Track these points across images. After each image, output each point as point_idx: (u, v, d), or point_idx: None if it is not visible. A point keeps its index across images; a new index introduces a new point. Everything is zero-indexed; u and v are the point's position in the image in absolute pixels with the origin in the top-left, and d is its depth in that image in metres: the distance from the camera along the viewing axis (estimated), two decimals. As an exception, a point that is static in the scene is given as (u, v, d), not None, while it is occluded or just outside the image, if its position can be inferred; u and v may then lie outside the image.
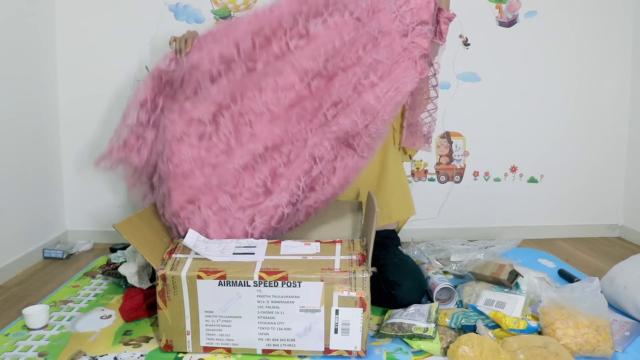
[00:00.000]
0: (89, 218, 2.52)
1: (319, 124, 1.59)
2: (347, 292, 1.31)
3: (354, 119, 1.58)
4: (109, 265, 1.94)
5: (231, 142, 1.58)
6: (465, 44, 2.47)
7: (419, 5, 1.61)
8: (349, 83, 1.58)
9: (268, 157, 1.58)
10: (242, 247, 1.47)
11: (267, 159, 1.58)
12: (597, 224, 2.62)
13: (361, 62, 1.59)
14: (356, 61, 1.60)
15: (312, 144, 1.58)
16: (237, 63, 1.62)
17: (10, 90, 2.07)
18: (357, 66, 1.59)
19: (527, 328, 1.38)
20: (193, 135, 1.58)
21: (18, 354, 1.40)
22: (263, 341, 1.35)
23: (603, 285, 1.61)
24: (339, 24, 1.60)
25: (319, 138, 1.59)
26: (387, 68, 1.59)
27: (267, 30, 1.62)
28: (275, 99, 1.58)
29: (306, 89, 1.59)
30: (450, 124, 2.52)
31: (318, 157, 1.58)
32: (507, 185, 2.58)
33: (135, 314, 1.58)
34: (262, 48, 1.62)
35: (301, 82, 1.58)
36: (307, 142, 1.58)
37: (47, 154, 2.36)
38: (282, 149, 1.58)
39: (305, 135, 1.59)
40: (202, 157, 1.57)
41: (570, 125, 2.55)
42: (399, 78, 1.59)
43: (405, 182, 1.94)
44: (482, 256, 1.87)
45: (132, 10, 2.39)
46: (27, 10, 2.18)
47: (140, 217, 1.57)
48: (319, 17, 1.61)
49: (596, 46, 2.51)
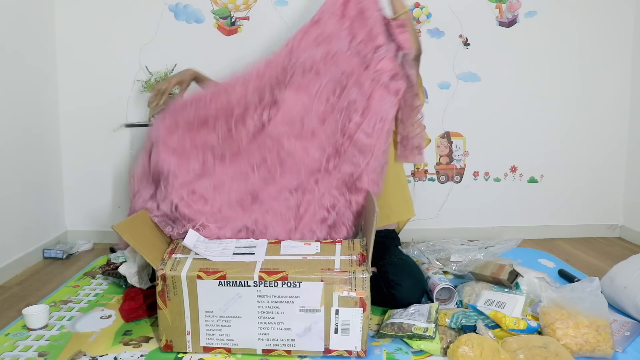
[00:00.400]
0: (89, 218, 2.52)
1: (322, 176, 1.61)
2: (347, 292, 1.31)
3: (355, 161, 1.60)
4: (109, 265, 1.94)
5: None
6: (465, 44, 2.47)
7: (367, 33, 1.61)
8: (334, 131, 1.61)
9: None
10: (242, 247, 1.47)
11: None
12: (597, 224, 2.62)
13: (336, 108, 1.62)
14: (330, 109, 1.62)
15: (320, 195, 1.60)
16: (217, 149, 1.66)
17: (10, 90, 2.07)
18: (335, 113, 1.62)
19: (527, 328, 1.38)
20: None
21: (18, 354, 1.40)
22: (263, 341, 1.35)
23: (603, 285, 1.61)
24: (301, 83, 1.62)
25: (325, 187, 1.61)
26: (364, 104, 1.61)
27: (237, 110, 1.67)
28: (265, 175, 1.61)
29: (296, 153, 1.61)
30: (450, 124, 2.52)
31: (330, 205, 1.60)
32: (507, 185, 2.58)
33: (135, 314, 1.58)
34: (238, 128, 1.65)
35: (287, 145, 1.61)
36: (315, 193, 1.60)
37: (47, 154, 2.36)
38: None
39: (311, 187, 1.61)
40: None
41: (571, 125, 2.55)
42: (379, 109, 1.60)
43: (405, 184, 1.94)
44: (482, 256, 1.87)
45: (132, 10, 2.39)
46: (27, 10, 2.18)
47: (140, 217, 1.57)
48: (281, 84, 1.64)
49: (596, 46, 2.51)
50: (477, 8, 2.45)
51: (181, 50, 2.42)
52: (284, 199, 1.60)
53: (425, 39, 2.46)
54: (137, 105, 2.44)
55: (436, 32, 2.45)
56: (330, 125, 1.61)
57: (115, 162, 2.49)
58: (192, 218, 1.55)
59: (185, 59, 2.42)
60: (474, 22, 2.45)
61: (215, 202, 1.60)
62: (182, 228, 1.54)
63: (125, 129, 2.46)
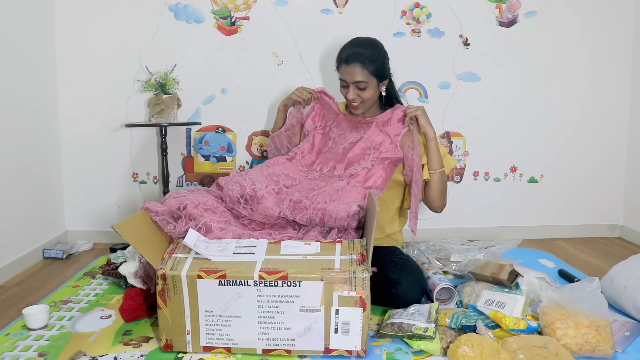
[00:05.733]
0: (89, 218, 2.52)
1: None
2: (347, 292, 1.31)
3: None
4: (109, 265, 1.94)
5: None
6: (465, 44, 2.47)
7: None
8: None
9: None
10: (242, 247, 1.47)
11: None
12: (597, 224, 2.62)
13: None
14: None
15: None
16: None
17: (10, 90, 2.07)
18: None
19: (527, 328, 1.38)
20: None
21: (18, 354, 1.40)
22: (263, 341, 1.35)
23: (603, 285, 1.61)
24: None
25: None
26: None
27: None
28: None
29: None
30: (450, 124, 2.52)
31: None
32: (507, 185, 2.58)
33: (135, 314, 1.58)
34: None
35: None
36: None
37: (47, 154, 2.36)
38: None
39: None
40: None
41: (571, 125, 2.55)
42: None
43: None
44: (482, 256, 1.87)
45: (132, 10, 2.39)
46: (27, 10, 2.18)
47: (140, 217, 1.57)
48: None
49: (596, 46, 2.51)
50: (477, 8, 2.45)
51: (181, 50, 2.42)
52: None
53: (425, 39, 2.46)
54: (137, 105, 2.44)
55: (436, 32, 2.46)
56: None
57: (115, 162, 2.49)
58: (195, 217, 1.56)
59: (185, 59, 2.43)
60: (474, 22, 2.45)
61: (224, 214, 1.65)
62: (183, 226, 1.54)
63: (125, 128, 2.46)
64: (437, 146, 1.81)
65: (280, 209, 1.63)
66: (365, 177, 1.77)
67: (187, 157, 2.52)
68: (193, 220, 1.55)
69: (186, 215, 1.56)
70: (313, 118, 1.98)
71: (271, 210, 1.63)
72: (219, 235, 1.54)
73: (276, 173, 1.78)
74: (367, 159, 1.80)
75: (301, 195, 1.66)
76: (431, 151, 1.80)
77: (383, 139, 1.83)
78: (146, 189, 2.52)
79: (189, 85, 2.45)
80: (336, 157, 1.85)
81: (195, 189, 1.78)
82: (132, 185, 2.51)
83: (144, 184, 2.51)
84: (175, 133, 2.47)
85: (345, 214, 1.57)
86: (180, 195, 1.66)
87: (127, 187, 2.51)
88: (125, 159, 2.50)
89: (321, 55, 2.44)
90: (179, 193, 1.68)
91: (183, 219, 1.56)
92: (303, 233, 1.63)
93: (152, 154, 2.50)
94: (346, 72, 1.81)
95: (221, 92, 2.47)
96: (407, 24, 2.45)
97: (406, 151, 1.80)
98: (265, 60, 2.45)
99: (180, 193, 1.68)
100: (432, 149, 1.80)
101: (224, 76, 2.46)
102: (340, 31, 2.26)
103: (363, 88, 1.81)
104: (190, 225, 1.53)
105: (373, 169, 1.78)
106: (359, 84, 1.80)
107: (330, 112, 1.98)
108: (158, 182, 2.51)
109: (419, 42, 2.46)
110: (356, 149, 1.83)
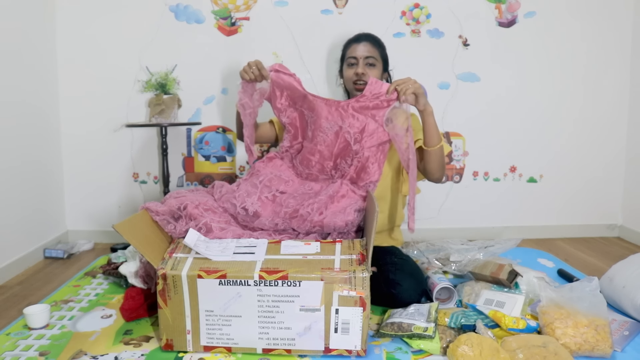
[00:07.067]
0: (90, 218, 2.52)
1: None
2: (347, 292, 1.31)
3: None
4: (110, 265, 1.95)
5: None
6: (465, 44, 2.47)
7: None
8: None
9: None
10: (242, 247, 1.47)
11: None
12: (596, 224, 2.63)
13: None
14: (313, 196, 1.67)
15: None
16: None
17: (11, 90, 2.07)
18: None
19: (527, 327, 1.38)
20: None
21: (19, 353, 1.40)
22: (263, 340, 1.36)
23: (602, 284, 1.61)
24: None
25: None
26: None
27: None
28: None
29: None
30: (450, 124, 2.52)
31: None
32: (506, 185, 2.59)
33: (136, 314, 1.58)
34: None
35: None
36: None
37: (47, 154, 2.37)
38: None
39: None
40: None
41: (570, 125, 2.56)
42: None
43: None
44: (482, 256, 1.87)
45: (133, 10, 2.40)
46: (29, 11, 2.19)
47: (140, 217, 1.57)
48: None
49: (595, 46, 2.51)
50: (477, 9, 2.46)
51: (181, 50, 2.42)
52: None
53: (424, 39, 2.47)
54: (138, 105, 2.45)
55: (436, 33, 2.46)
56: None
57: (116, 162, 2.49)
58: (196, 217, 1.56)
59: (186, 59, 2.43)
60: (474, 23, 2.46)
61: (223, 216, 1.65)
62: (184, 226, 1.55)
63: (126, 129, 2.46)
64: (435, 120, 1.71)
65: (276, 222, 1.62)
66: (357, 174, 1.71)
67: (187, 157, 2.52)
68: (193, 220, 1.55)
69: (186, 215, 1.56)
70: (281, 103, 1.80)
71: (268, 225, 1.62)
72: (219, 235, 1.54)
73: (268, 177, 1.72)
74: (353, 155, 1.71)
75: (296, 203, 1.63)
76: (431, 126, 1.69)
77: (365, 123, 1.69)
78: (146, 189, 2.52)
79: (189, 86, 2.45)
80: (322, 154, 1.74)
81: (195, 189, 1.78)
82: (133, 185, 2.52)
83: (145, 184, 2.52)
84: (176, 133, 2.48)
85: (343, 224, 1.58)
86: (181, 195, 1.66)
87: (127, 187, 2.52)
88: (125, 159, 2.50)
89: (321, 55, 2.45)
90: (180, 193, 1.68)
91: (183, 219, 1.56)
92: (303, 233, 1.63)
93: (152, 154, 2.50)
94: (357, 49, 1.83)
95: (221, 92, 2.47)
96: (406, 25, 2.46)
97: (395, 131, 1.67)
98: (265, 60, 2.41)
99: (180, 193, 1.68)
100: (432, 124, 1.69)
101: (224, 76, 2.46)
102: (340, 31, 2.27)
103: (372, 64, 1.82)
104: (190, 225, 1.54)
105: (362, 163, 1.70)
106: (369, 59, 1.81)
107: (295, 91, 1.76)
108: (158, 182, 2.52)
109: (419, 43, 2.47)
110: (340, 144, 1.72)
